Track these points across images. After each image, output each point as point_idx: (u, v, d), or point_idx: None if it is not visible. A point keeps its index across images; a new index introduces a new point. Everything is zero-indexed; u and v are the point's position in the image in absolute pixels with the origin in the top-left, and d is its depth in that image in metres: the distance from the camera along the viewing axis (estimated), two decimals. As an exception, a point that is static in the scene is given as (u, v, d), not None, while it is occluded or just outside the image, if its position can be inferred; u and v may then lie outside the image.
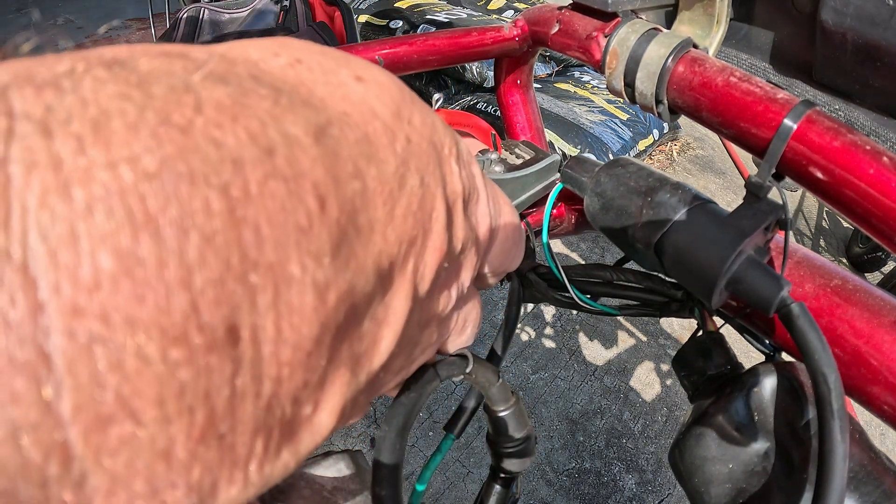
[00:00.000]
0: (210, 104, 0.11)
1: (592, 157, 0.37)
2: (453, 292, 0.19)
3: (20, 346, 0.09)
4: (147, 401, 0.10)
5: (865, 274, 2.34)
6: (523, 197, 0.44)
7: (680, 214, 0.29)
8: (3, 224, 0.09)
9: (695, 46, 0.42)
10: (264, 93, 0.12)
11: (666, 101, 0.42)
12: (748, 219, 0.28)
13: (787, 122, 0.33)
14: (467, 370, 0.26)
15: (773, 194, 0.30)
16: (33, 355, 0.09)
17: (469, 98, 2.32)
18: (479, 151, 0.45)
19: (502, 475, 0.35)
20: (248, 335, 0.11)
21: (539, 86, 2.53)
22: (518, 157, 0.45)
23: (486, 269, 0.22)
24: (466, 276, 0.19)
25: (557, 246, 2.12)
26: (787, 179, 0.35)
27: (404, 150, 0.15)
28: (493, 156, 0.45)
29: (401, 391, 0.23)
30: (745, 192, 0.30)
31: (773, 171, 0.34)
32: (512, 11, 2.76)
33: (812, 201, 2.77)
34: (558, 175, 0.40)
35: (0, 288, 0.09)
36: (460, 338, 0.22)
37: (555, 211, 0.55)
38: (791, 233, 0.30)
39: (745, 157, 2.72)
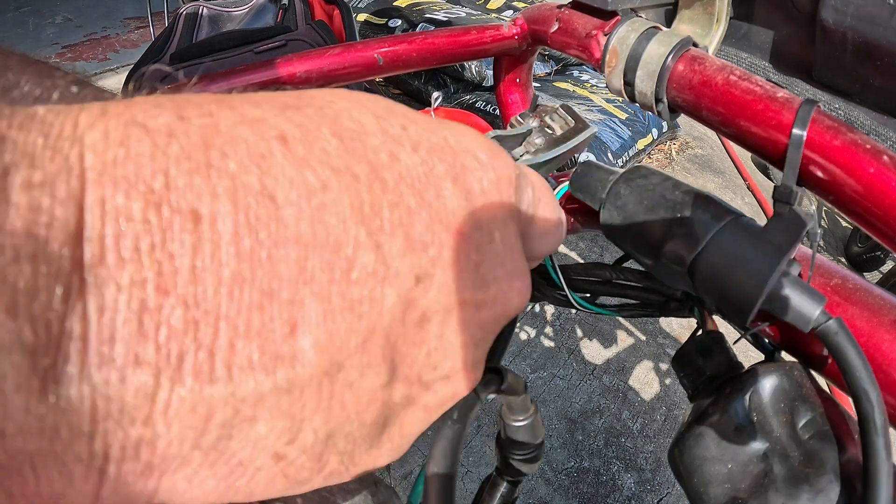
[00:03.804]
0: None
1: (601, 163, 0.35)
2: None
3: None
4: None
5: (864, 273, 2.34)
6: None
7: (714, 232, 0.27)
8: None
9: (695, 45, 0.42)
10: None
11: (665, 100, 0.42)
12: (782, 233, 0.27)
13: (796, 131, 0.32)
14: (503, 386, 0.23)
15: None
16: None
17: (468, 97, 2.32)
18: (511, 122, 0.39)
19: (509, 479, 0.34)
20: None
21: (538, 85, 2.52)
22: (551, 128, 0.38)
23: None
24: None
25: (556, 245, 2.11)
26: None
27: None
28: (534, 123, 0.38)
29: (443, 420, 0.21)
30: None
31: (797, 176, 0.32)
32: (511, 11, 2.75)
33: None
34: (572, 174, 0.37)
35: None
36: None
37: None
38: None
39: (745, 157, 2.72)
